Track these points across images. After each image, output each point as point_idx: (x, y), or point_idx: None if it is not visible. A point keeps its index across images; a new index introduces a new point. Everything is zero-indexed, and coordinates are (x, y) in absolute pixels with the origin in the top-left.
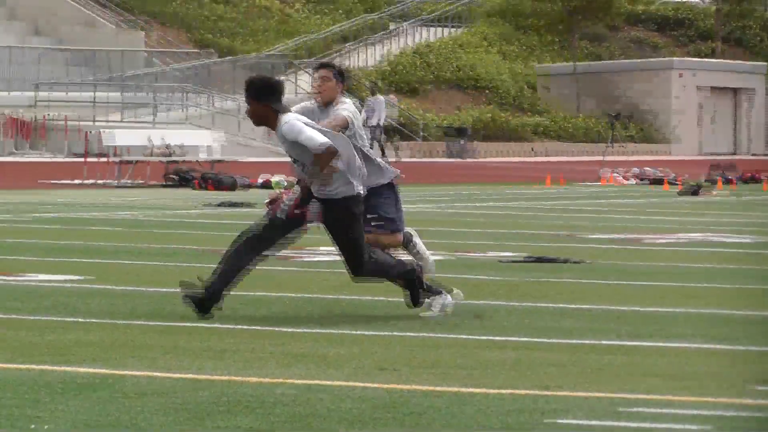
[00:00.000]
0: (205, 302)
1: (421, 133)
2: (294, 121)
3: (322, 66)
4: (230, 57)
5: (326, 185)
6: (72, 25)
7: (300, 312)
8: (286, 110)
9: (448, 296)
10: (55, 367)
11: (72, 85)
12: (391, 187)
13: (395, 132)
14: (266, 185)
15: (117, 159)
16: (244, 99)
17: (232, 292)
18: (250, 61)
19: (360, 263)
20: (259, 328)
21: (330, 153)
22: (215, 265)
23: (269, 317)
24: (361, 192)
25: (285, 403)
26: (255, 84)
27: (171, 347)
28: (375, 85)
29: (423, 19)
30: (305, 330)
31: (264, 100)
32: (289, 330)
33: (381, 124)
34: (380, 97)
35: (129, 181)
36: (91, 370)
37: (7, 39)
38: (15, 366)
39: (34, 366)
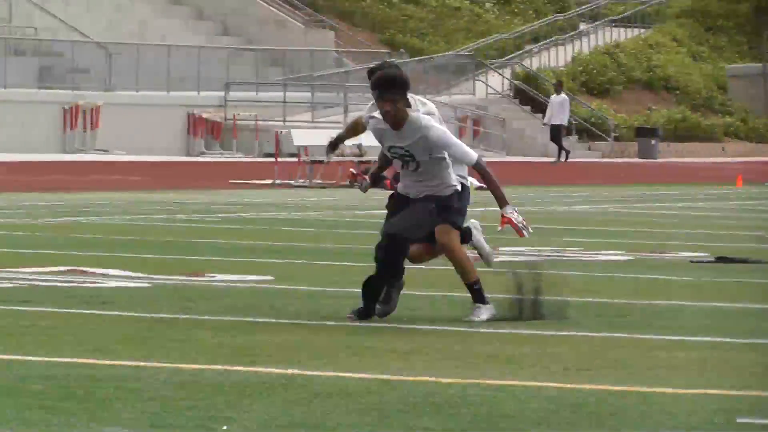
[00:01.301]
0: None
1: (613, 133)
2: (438, 124)
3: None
4: (419, 57)
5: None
6: (260, 25)
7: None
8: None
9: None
10: (242, 368)
11: (261, 85)
12: None
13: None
14: None
15: (308, 159)
16: (384, 96)
17: (417, 293)
18: (439, 61)
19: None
20: (445, 328)
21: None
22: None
23: (455, 318)
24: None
25: (472, 404)
26: (399, 79)
27: (357, 348)
28: (559, 85)
29: (612, 20)
30: (492, 330)
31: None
32: (476, 330)
33: (565, 123)
34: (564, 96)
35: (320, 182)
36: (277, 370)
37: (196, 39)
38: (203, 367)
39: (220, 366)
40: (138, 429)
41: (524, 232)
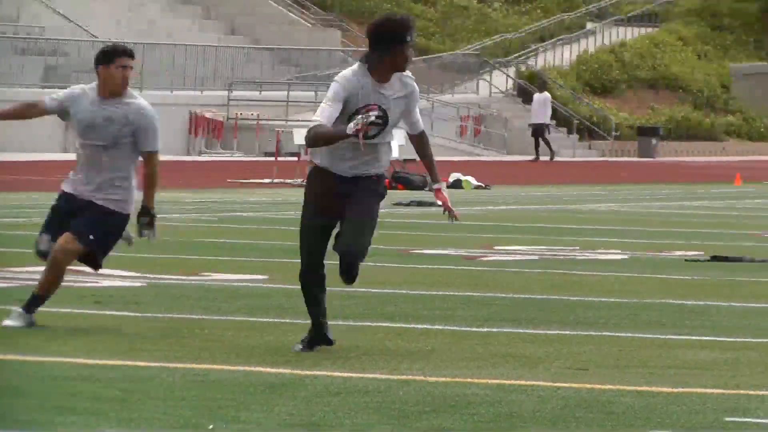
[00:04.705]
0: None
1: (614, 132)
2: None
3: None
4: (425, 56)
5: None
6: (268, 24)
7: (506, 312)
8: None
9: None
10: (264, 368)
11: (266, 84)
12: None
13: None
14: (456, 185)
15: (309, 158)
16: (409, 41)
17: (433, 292)
18: (445, 60)
19: None
20: (463, 328)
21: None
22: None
23: (473, 317)
24: None
25: (489, 403)
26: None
27: (374, 347)
28: (542, 84)
29: (619, 19)
30: (511, 330)
31: None
32: (494, 330)
33: (547, 122)
34: (547, 95)
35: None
36: (297, 371)
37: (204, 38)
38: (224, 367)
39: (241, 367)
40: (166, 429)
41: (454, 216)
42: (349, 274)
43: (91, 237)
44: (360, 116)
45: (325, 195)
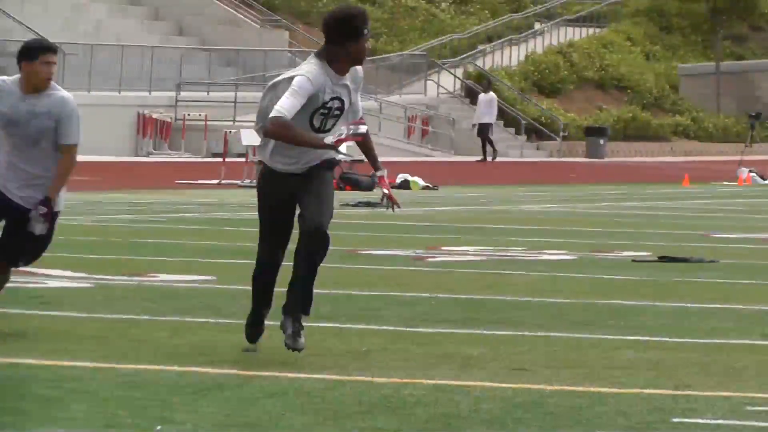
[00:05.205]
0: None
1: (562, 133)
2: None
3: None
4: (372, 57)
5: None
6: (215, 25)
7: (443, 312)
8: None
9: None
10: (198, 368)
11: (213, 85)
12: None
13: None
14: (404, 185)
15: (256, 159)
16: (367, 34)
17: (374, 293)
18: (392, 60)
19: None
20: (402, 329)
21: None
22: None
23: (412, 318)
24: None
25: (426, 404)
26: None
27: (314, 348)
28: (487, 84)
29: (568, 19)
30: (449, 330)
31: None
32: (433, 330)
33: (493, 122)
34: (492, 95)
35: None
36: (232, 371)
37: (151, 39)
38: (160, 367)
39: (171, 367)
40: (93, 429)
41: (395, 203)
42: (322, 243)
43: (22, 262)
44: (350, 129)
45: (279, 193)
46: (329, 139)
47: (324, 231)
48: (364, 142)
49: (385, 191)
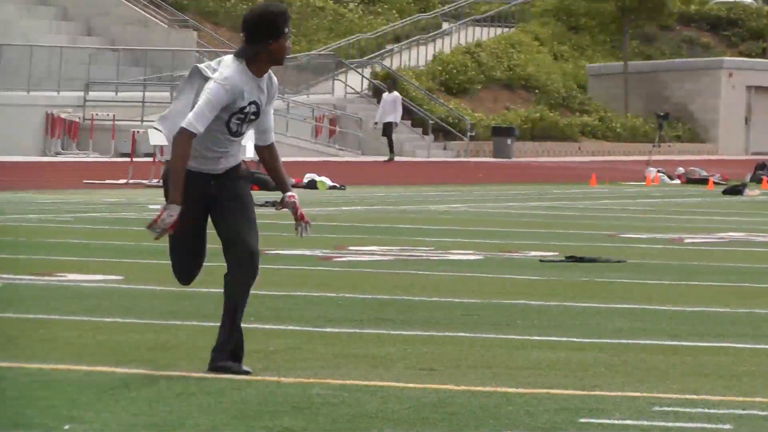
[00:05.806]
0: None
1: (469, 133)
2: None
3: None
4: None
5: None
6: (124, 25)
7: (350, 312)
8: None
9: None
10: (106, 368)
11: (122, 85)
12: None
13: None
14: (311, 185)
15: (164, 159)
16: (288, 32)
17: (281, 293)
18: (300, 60)
19: None
20: (308, 328)
21: None
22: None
23: (318, 318)
24: None
25: (332, 404)
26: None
27: None
28: (391, 84)
29: (476, 19)
30: (356, 330)
31: None
32: (340, 330)
33: (397, 121)
34: (396, 95)
35: None
36: (140, 371)
37: (59, 39)
38: (68, 367)
39: (78, 366)
40: (1, 429)
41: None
42: (255, 268)
43: None
44: (166, 219)
45: (193, 195)
46: (156, 227)
47: (257, 256)
48: (272, 165)
49: (300, 213)
